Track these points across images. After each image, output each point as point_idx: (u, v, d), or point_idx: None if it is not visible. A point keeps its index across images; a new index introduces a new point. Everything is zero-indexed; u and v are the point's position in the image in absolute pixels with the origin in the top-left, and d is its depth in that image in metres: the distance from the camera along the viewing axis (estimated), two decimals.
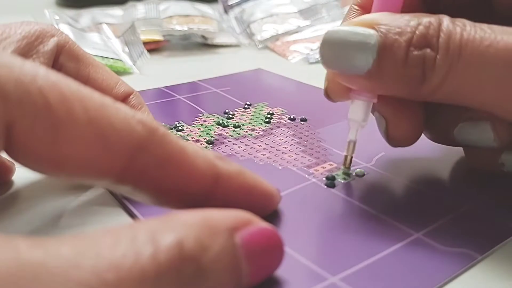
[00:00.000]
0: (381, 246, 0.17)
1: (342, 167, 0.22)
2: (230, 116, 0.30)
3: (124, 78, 0.26)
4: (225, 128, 0.28)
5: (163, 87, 0.36)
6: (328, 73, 0.21)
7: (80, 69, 0.22)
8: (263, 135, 0.27)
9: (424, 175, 0.22)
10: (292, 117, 0.29)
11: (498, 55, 0.16)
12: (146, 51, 0.44)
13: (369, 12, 0.20)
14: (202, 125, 0.28)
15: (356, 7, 0.22)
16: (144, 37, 0.46)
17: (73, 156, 0.13)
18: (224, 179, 0.16)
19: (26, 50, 0.20)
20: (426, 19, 0.17)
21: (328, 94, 0.22)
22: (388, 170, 0.23)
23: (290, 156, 0.24)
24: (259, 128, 0.28)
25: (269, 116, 0.29)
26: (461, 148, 0.23)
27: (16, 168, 0.22)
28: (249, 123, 0.29)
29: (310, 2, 0.54)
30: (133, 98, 0.24)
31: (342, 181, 0.22)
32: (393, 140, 0.21)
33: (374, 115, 0.21)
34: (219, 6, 0.57)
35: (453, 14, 0.17)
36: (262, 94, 0.34)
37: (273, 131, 0.27)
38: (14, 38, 0.20)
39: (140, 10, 0.50)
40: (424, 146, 0.25)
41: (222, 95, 0.34)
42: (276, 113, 0.30)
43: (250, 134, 0.27)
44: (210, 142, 0.26)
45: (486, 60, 0.16)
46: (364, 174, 0.22)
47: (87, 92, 0.14)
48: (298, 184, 0.21)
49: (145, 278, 0.10)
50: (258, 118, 0.29)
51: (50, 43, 0.21)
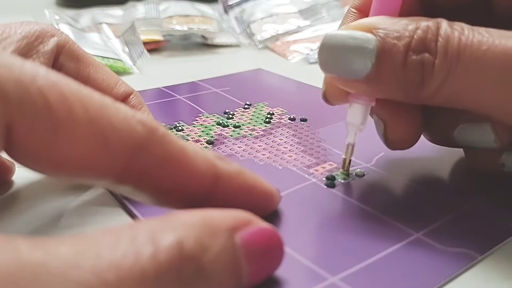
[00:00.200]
0: (381, 246, 0.17)
1: (341, 170, 0.22)
2: (230, 116, 0.30)
3: (124, 78, 0.26)
4: (225, 128, 0.28)
5: (163, 87, 0.36)
6: (326, 76, 0.21)
7: (80, 69, 0.22)
8: (263, 135, 0.27)
9: (424, 175, 0.22)
10: (292, 117, 0.29)
11: (496, 59, 0.16)
12: (146, 51, 0.44)
13: (367, 15, 0.19)
14: (202, 125, 0.28)
15: (354, 10, 0.22)
16: (144, 37, 0.46)
17: (73, 156, 0.13)
18: (224, 179, 0.16)
19: (26, 50, 0.20)
20: (424, 23, 0.17)
21: (326, 97, 0.22)
22: (388, 170, 0.23)
23: (290, 156, 0.24)
24: (259, 128, 0.28)
25: (269, 116, 0.29)
26: (460, 148, 0.23)
27: (16, 168, 0.22)
28: (249, 123, 0.29)
29: (310, 2, 0.54)
30: (133, 98, 0.24)
31: (342, 181, 0.22)
32: (391, 143, 0.21)
33: (372, 118, 0.21)
34: (219, 6, 0.57)
35: (451, 16, 0.17)
36: (262, 94, 0.34)
37: (273, 131, 0.27)
38: (14, 38, 0.20)
39: (140, 10, 0.50)
40: (424, 146, 0.25)
41: (222, 95, 0.34)
42: (276, 113, 0.30)
43: (250, 134, 0.27)
44: (210, 142, 0.26)
45: (484, 64, 0.16)
46: (364, 174, 0.22)
47: (87, 92, 0.14)
48: (298, 184, 0.21)
49: (145, 278, 0.10)
50: (258, 118, 0.29)
51: (50, 43, 0.21)
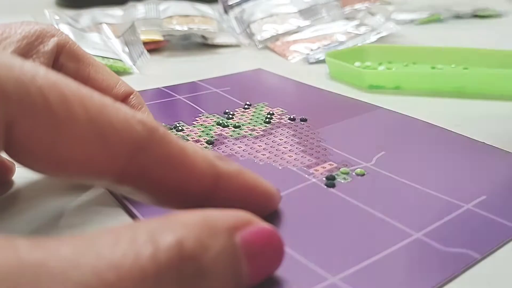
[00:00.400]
0: (381, 246, 0.17)
1: None
2: (230, 116, 0.30)
3: (124, 78, 0.26)
4: (225, 128, 0.28)
5: (163, 87, 0.36)
6: None
7: (80, 69, 0.22)
8: (263, 135, 0.27)
9: (424, 175, 0.22)
10: (292, 117, 0.29)
11: None
12: (146, 51, 0.44)
13: None
14: (202, 125, 0.28)
15: None
16: (144, 37, 0.46)
17: (73, 156, 0.13)
18: (224, 179, 0.16)
19: (26, 50, 0.20)
20: None
21: None
22: (388, 170, 0.23)
23: (290, 156, 0.24)
24: (259, 128, 0.28)
25: (269, 116, 0.29)
26: (459, 149, 0.23)
27: (16, 168, 0.22)
28: (249, 123, 0.29)
29: (310, 2, 0.54)
30: (133, 98, 0.24)
31: (342, 181, 0.22)
32: None
33: None
34: (219, 6, 0.57)
35: None
36: (262, 94, 0.34)
37: (273, 131, 0.27)
38: (14, 38, 0.20)
39: (140, 10, 0.50)
40: (424, 146, 0.25)
41: (222, 95, 0.34)
42: (276, 113, 0.30)
43: (250, 134, 0.27)
44: (210, 142, 0.26)
45: None
46: (364, 174, 0.22)
47: (87, 92, 0.14)
48: (298, 184, 0.21)
49: (145, 278, 0.10)
50: (258, 118, 0.29)
51: (50, 43, 0.21)
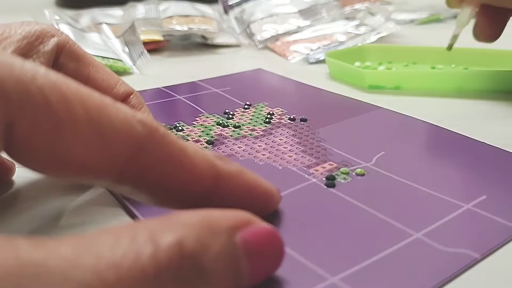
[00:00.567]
0: (381, 246, 0.17)
1: (446, 48, 0.33)
2: (230, 116, 0.30)
3: (124, 78, 0.26)
4: (225, 128, 0.28)
5: (163, 87, 0.36)
6: None
7: (80, 69, 0.22)
8: (263, 135, 0.27)
9: (424, 175, 0.22)
10: (292, 117, 0.29)
11: None
12: (146, 51, 0.44)
13: None
14: (202, 125, 0.28)
15: None
16: (144, 37, 0.46)
17: (73, 156, 0.13)
18: (224, 179, 0.16)
19: (26, 50, 0.20)
20: None
21: (448, 2, 0.34)
22: (388, 170, 0.23)
23: (290, 156, 0.24)
24: (259, 128, 0.28)
25: (269, 116, 0.29)
26: (459, 149, 0.23)
27: (16, 168, 0.22)
28: (249, 123, 0.29)
29: (310, 2, 0.54)
30: (133, 98, 0.24)
31: (342, 181, 0.22)
32: (477, 36, 0.32)
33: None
34: (219, 6, 0.57)
35: None
36: (262, 94, 0.34)
37: (273, 131, 0.27)
38: (14, 38, 0.20)
39: (140, 10, 0.50)
40: (423, 146, 0.25)
41: (222, 95, 0.34)
42: (276, 113, 0.30)
43: (250, 134, 0.27)
44: (210, 142, 0.26)
45: None
46: (364, 174, 0.22)
47: (87, 92, 0.14)
48: (298, 184, 0.21)
49: (145, 277, 0.10)
50: (258, 118, 0.29)
51: (50, 43, 0.21)
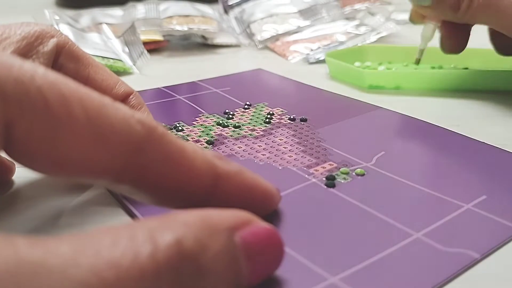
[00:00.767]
0: (381, 246, 0.17)
1: (414, 62, 0.35)
2: (230, 116, 0.30)
3: (124, 78, 0.26)
4: (225, 128, 0.28)
5: (163, 87, 0.36)
6: (412, 7, 0.34)
7: (79, 69, 0.22)
8: (263, 135, 0.27)
9: (424, 175, 0.22)
10: (292, 117, 0.29)
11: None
12: (146, 51, 0.44)
13: None
14: (202, 125, 0.28)
15: None
16: (144, 37, 0.46)
17: (72, 155, 0.13)
18: (223, 179, 0.16)
19: (26, 50, 0.20)
20: None
21: (411, 19, 0.35)
22: (388, 170, 0.23)
23: (290, 156, 0.24)
24: (259, 128, 0.28)
25: (269, 116, 0.29)
26: (459, 149, 0.23)
27: (16, 168, 0.22)
28: (249, 123, 0.29)
29: (310, 2, 0.54)
30: (133, 98, 0.24)
31: (342, 181, 0.22)
32: (444, 49, 0.34)
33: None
34: (219, 6, 0.57)
35: None
36: (262, 94, 0.34)
37: (273, 131, 0.27)
38: (14, 39, 0.20)
39: (140, 10, 0.50)
40: (423, 146, 0.25)
41: (222, 95, 0.34)
42: (276, 113, 0.30)
43: (250, 134, 0.27)
44: (210, 142, 0.26)
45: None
46: (364, 174, 0.22)
47: (86, 91, 0.14)
48: (298, 184, 0.21)
49: (144, 277, 0.10)
50: (258, 118, 0.29)
51: (50, 44, 0.21)
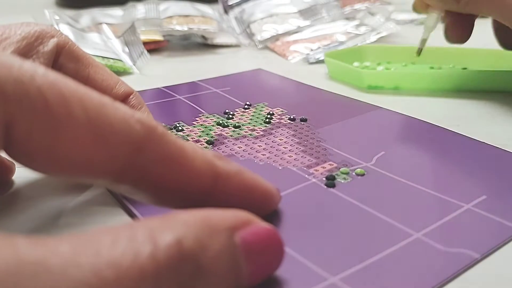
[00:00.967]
0: (381, 246, 0.17)
1: (415, 54, 0.35)
2: (230, 116, 0.30)
3: (124, 78, 0.26)
4: (225, 128, 0.28)
5: (163, 87, 0.36)
6: None
7: (79, 69, 0.22)
8: (263, 135, 0.27)
9: (424, 175, 0.22)
10: (292, 117, 0.29)
11: None
12: (146, 51, 0.44)
13: None
14: (202, 125, 0.28)
15: None
16: (144, 37, 0.46)
17: (71, 155, 0.13)
18: (223, 179, 0.16)
19: (26, 50, 0.20)
20: None
21: (414, 8, 0.35)
22: (388, 170, 0.23)
23: (290, 156, 0.24)
24: (259, 128, 0.28)
25: (269, 116, 0.29)
26: (459, 149, 0.23)
27: (16, 168, 0.22)
28: (249, 123, 0.29)
29: (310, 2, 0.54)
30: (133, 98, 0.24)
31: (342, 181, 0.22)
32: (448, 38, 0.34)
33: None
34: (219, 6, 0.57)
35: None
36: (262, 94, 0.34)
37: (273, 131, 0.27)
38: (14, 39, 0.20)
39: (140, 10, 0.50)
40: (423, 146, 0.25)
41: (222, 95, 0.34)
42: (276, 113, 0.30)
43: (250, 134, 0.27)
44: (210, 142, 0.26)
45: None
46: (364, 174, 0.22)
47: (86, 91, 0.14)
48: (298, 184, 0.21)
49: (144, 276, 0.10)
50: (258, 118, 0.29)
51: (50, 44, 0.21)
